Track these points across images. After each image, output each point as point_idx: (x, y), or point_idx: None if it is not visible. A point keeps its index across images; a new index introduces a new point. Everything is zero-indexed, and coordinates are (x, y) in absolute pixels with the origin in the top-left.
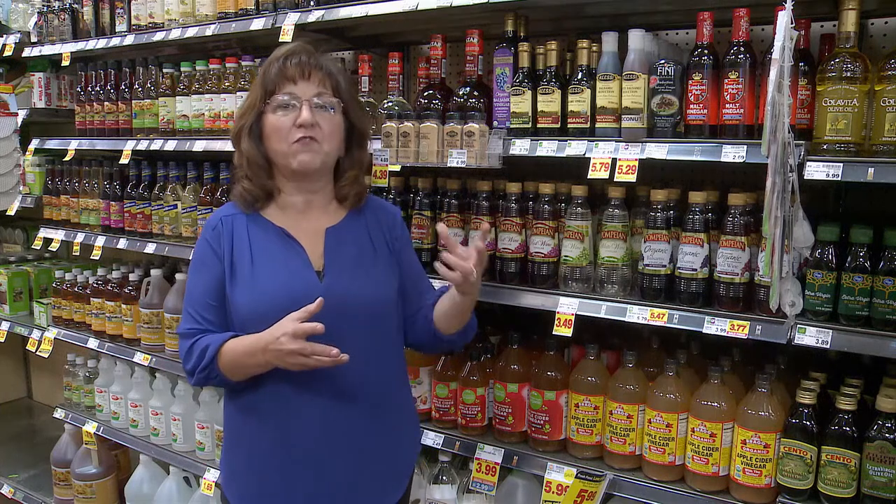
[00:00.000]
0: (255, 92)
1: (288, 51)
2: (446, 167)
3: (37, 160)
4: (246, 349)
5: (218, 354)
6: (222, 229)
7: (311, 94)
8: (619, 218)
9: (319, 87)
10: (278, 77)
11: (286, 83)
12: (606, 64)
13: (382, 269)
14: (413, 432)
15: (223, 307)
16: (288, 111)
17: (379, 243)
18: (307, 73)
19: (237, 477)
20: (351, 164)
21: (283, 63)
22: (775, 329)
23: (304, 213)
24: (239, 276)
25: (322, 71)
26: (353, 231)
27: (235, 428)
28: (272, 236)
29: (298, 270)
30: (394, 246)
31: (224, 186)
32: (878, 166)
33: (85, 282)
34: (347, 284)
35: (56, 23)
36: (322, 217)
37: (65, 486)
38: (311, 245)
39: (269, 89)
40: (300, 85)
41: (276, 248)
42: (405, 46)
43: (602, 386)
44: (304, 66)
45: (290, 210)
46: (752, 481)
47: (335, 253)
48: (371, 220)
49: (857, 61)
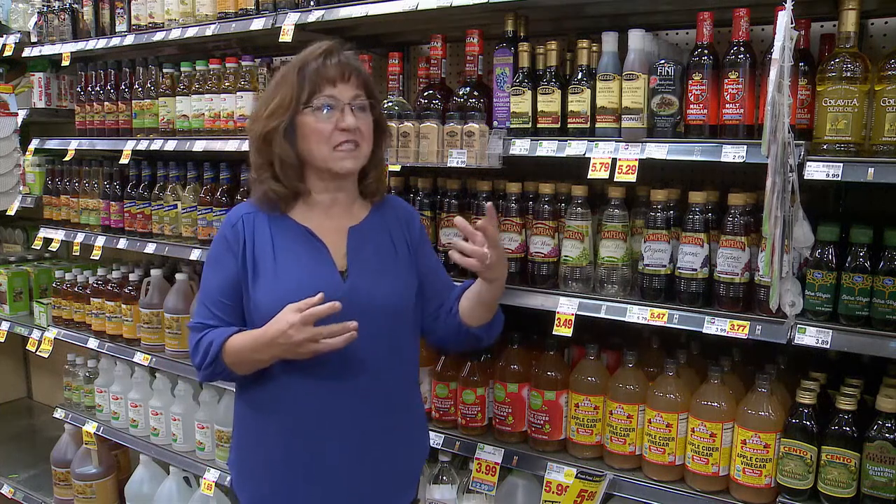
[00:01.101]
0: (286, 91)
1: (325, 50)
2: (446, 167)
3: (37, 160)
4: (251, 345)
5: (222, 350)
6: (242, 228)
7: (351, 97)
8: (619, 218)
9: (357, 90)
10: (318, 78)
11: (326, 85)
12: (606, 64)
13: (403, 269)
14: (423, 434)
15: (237, 306)
16: (329, 113)
17: (399, 243)
18: (347, 74)
19: (251, 478)
20: (376, 162)
21: (322, 64)
22: (775, 329)
23: (327, 212)
24: (261, 275)
25: (358, 71)
26: (375, 230)
27: (248, 428)
28: (296, 235)
29: (322, 270)
30: (412, 245)
31: (224, 186)
32: (878, 166)
33: (85, 282)
34: (370, 284)
35: (56, 23)
36: (345, 216)
37: (65, 486)
38: (334, 244)
39: (308, 90)
40: (340, 87)
41: (300, 247)
42: (405, 46)
43: (602, 386)
44: (343, 67)
45: (315, 209)
46: (752, 481)
47: (358, 252)
48: (391, 220)
49: (857, 61)
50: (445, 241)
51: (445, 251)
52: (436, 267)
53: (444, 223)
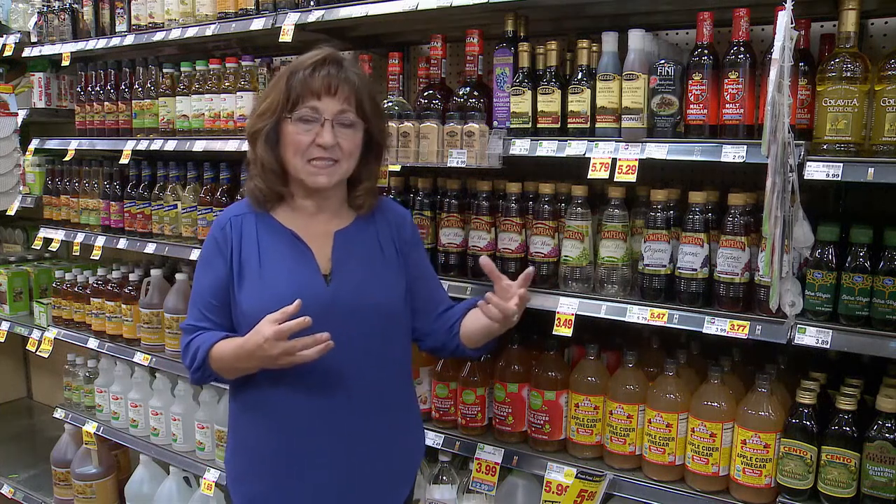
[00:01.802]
0: (275, 96)
1: (316, 60)
2: (446, 167)
3: (37, 160)
4: (234, 353)
5: (208, 357)
6: (230, 230)
7: (335, 112)
8: (619, 218)
9: (343, 104)
10: (303, 88)
11: (310, 97)
12: (606, 64)
13: (390, 273)
14: (418, 433)
15: (225, 307)
16: (309, 126)
17: (387, 246)
18: (333, 88)
19: (245, 479)
20: (368, 175)
21: (309, 74)
22: (775, 329)
23: (314, 216)
24: (247, 278)
25: (349, 85)
26: (362, 234)
27: (241, 429)
28: (281, 238)
29: (305, 274)
30: (402, 248)
31: (224, 186)
32: (878, 166)
33: (85, 282)
34: (354, 288)
35: (56, 23)
36: (332, 220)
37: (65, 486)
38: (319, 248)
39: (292, 99)
40: (324, 101)
41: (285, 250)
42: (405, 46)
43: (602, 386)
44: (331, 80)
45: (301, 212)
46: (752, 481)
47: (343, 256)
48: (381, 223)
49: (857, 61)
50: (446, 241)
51: (445, 251)
52: (426, 274)
53: (444, 223)
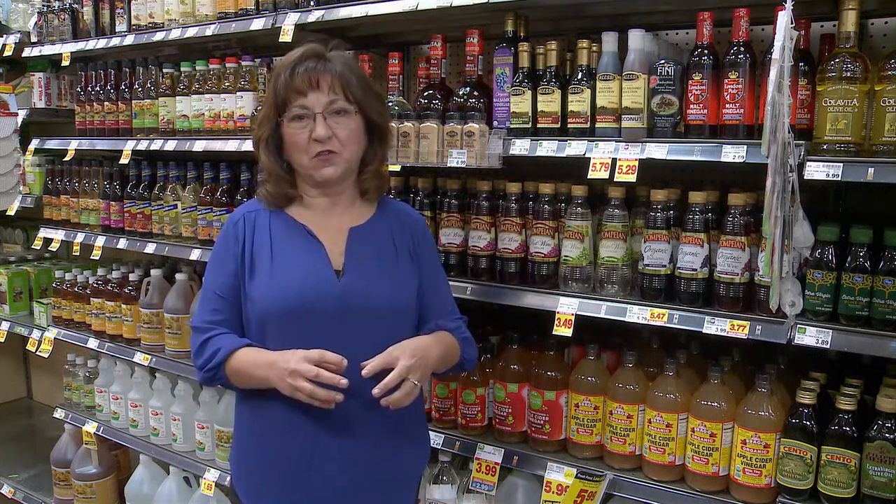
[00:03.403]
0: (268, 101)
1: (294, 60)
2: (446, 167)
3: (37, 160)
4: (254, 360)
5: (227, 360)
6: (243, 225)
7: (324, 104)
8: (619, 218)
9: (331, 94)
10: (287, 90)
11: (296, 96)
12: (606, 64)
13: (402, 271)
14: (424, 435)
15: (235, 302)
16: (303, 123)
17: (401, 246)
18: (315, 81)
19: (250, 475)
20: (372, 158)
21: (289, 74)
22: (775, 329)
23: (327, 212)
24: (258, 272)
25: (331, 75)
26: (377, 232)
27: (247, 426)
28: (294, 233)
29: (316, 268)
30: (415, 250)
31: (224, 186)
32: (878, 166)
33: (85, 282)
34: (365, 284)
35: (56, 23)
36: (346, 216)
37: (65, 486)
38: (332, 243)
39: (281, 102)
40: (311, 96)
41: (297, 244)
42: (405, 46)
43: (602, 386)
44: (311, 74)
45: (315, 209)
46: (752, 481)
47: (356, 252)
48: (394, 223)
49: (857, 61)
50: (446, 241)
51: (445, 251)
52: (434, 283)
53: (444, 223)
